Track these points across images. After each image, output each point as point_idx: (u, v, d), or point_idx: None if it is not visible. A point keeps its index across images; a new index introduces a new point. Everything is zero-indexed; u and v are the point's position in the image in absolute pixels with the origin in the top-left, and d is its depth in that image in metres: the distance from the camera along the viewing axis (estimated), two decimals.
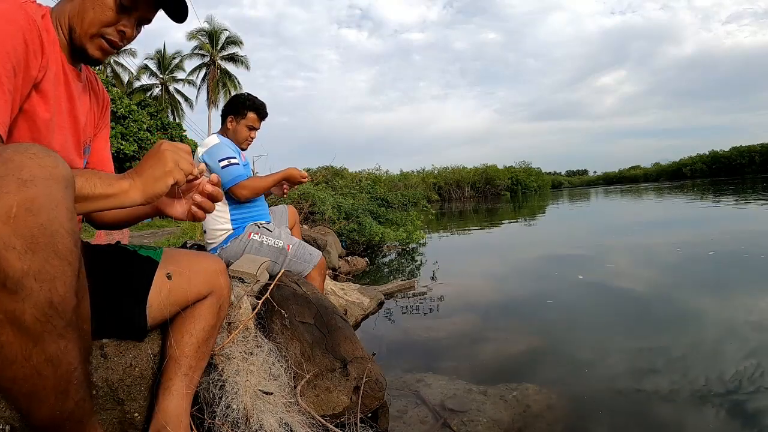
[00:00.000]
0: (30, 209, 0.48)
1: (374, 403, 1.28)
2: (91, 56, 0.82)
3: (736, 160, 51.24)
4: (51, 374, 0.53)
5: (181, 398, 0.90)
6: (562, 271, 3.66)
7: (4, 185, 0.47)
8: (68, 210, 0.52)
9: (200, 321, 0.95)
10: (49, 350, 0.52)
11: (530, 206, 15.98)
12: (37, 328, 0.50)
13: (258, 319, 1.35)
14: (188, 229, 8.04)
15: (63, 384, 0.55)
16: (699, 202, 10.53)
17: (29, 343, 0.50)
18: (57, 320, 0.52)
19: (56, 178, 0.51)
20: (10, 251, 0.47)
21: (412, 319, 2.53)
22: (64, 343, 0.53)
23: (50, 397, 0.54)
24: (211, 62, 31.28)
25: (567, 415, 1.37)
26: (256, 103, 1.98)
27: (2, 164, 0.48)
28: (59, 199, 0.51)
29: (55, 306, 0.51)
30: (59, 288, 0.51)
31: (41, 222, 0.49)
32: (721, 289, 2.69)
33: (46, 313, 0.50)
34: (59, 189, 0.51)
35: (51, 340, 0.52)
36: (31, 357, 0.51)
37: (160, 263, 0.91)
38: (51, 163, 0.51)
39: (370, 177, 10.47)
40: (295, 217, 2.39)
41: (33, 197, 0.48)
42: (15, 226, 0.47)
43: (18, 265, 0.47)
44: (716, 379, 1.50)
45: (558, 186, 74.08)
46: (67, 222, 0.52)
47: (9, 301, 0.48)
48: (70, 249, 0.52)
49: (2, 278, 0.47)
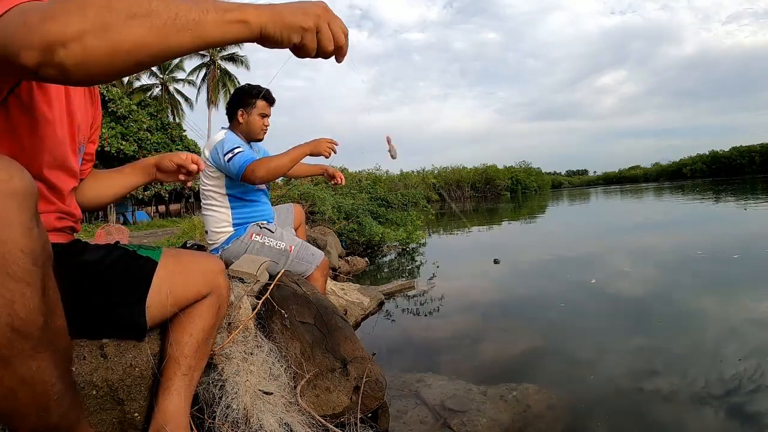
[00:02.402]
0: None
1: (374, 403, 1.28)
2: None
3: (736, 160, 51.23)
4: (28, 394, 0.52)
5: (181, 398, 0.90)
6: (561, 271, 3.66)
7: None
8: (23, 227, 0.48)
9: (200, 321, 0.95)
10: (21, 372, 0.50)
11: (530, 206, 15.98)
12: (3, 353, 0.48)
13: (258, 319, 1.35)
14: (188, 229, 8.04)
15: (42, 401, 0.54)
16: (703, 202, 10.52)
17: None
18: (22, 343, 0.49)
19: (8, 193, 0.47)
20: None
21: (412, 319, 2.53)
22: (36, 364, 0.52)
23: (30, 415, 0.53)
24: (211, 62, 31.29)
25: (567, 415, 1.37)
26: (261, 90, 1.92)
27: None
28: (12, 217, 0.47)
29: (18, 330, 0.48)
30: (19, 311, 0.48)
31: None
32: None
33: (9, 338, 0.48)
34: (12, 206, 0.47)
35: (21, 363, 0.50)
36: (3, 380, 0.49)
37: (159, 263, 0.91)
38: (4, 177, 0.47)
39: (370, 177, 10.47)
40: (301, 216, 2.37)
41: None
42: None
43: None
44: (717, 380, 1.50)
45: (558, 186, 74.09)
46: (22, 240, 0.48)
47: None
48: (26, 269, 0.49)
49: None
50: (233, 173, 1.76)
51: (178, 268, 0.94)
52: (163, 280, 0.90)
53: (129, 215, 22.91)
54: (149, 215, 25.78)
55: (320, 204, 5.53)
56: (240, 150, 1.76)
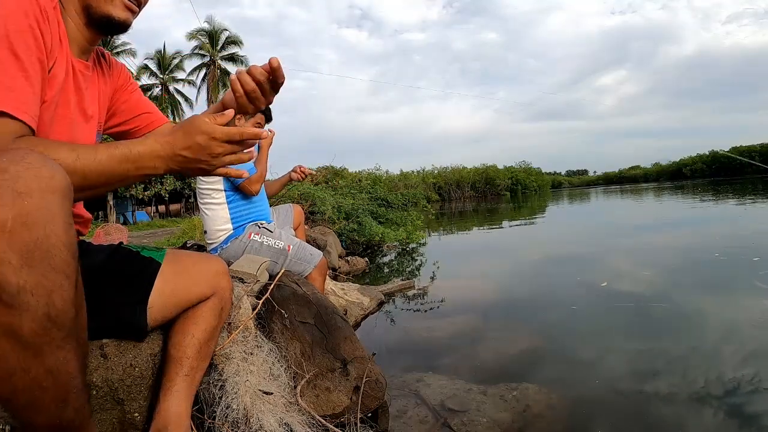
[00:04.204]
0: (26, 223, 0.47)
1: (374, 403, 1.28)
2: (117, 20, 0.79)
3: (736, 160, 51.19)
4: (51, 385, 0.53)
5: (182, 399, 0.90)
6: (561, 271, 3.67)
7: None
8: (65, 222, 0.51)
9: (202, 322, 0.95)
10: (49, 362, 0.52)
11: (530, 206, 15.98)
12: (36, 341, 0.49)
13: (258, 319, 1.35)
14: (188, 229, 8.04)
15: (63, 393, 0.55)
16: (706, 202, 10.52)
17: (28, 356, 0.50)
18: (55, 332, 0.51)
19: (53, 189, 0.50)
20: (6, 266, 0.46)
21: (412, 319, 2.53)
22: (63, 354, 0.53)
23: (50, 407, 0.54)
24: (211, 62, 31.28)
25: (567, 415, 1.37)
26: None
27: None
28: (55, 211, 0.50)
29: (53, 319, 0.50)
30: (57, 301, 0.50)
31: (37, 236, 0.48)
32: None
33: (45, 326, 0.50)
34: (56, 201, 0.50)
35: (50, 352, 0.51)
36: (31, 369, 0.50)
37: (162, 264, 0.91)
38: (47, 174, 0.50)
39: (370, 177, 10.47)
40: (300, 216, 2.40)
41: (29, 211, 0.47)
42: (10, 241, 0.46)
43: (14, 279, 0.46)
44: (717, 380, 1.50)
45: (558, 186, 74.05)
46: (64, 235, 0.51)
47: (6, 315, 0.47)
48: (67, 262, 0.51)
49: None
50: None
51: (181, 270, 0.94)
52: (166, 282, 0.90)
53: (129, 215, 22.91)
54: (149, 215, 25.77)
55: (320, 204, 5.53)
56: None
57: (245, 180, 1.82)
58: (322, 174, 8.42)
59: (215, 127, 0.67)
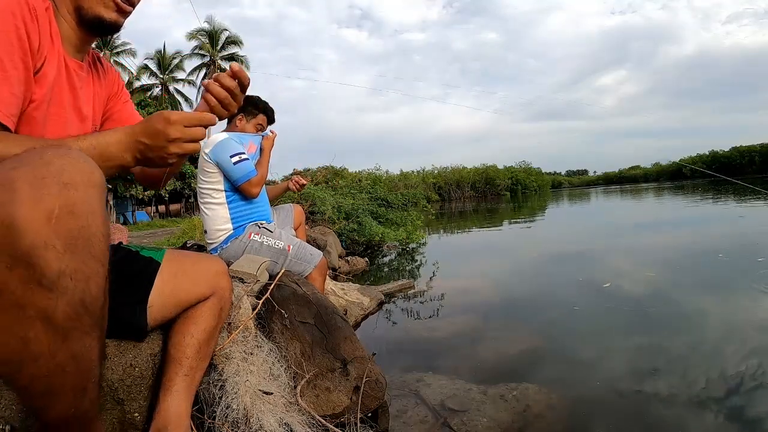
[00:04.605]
0: (71, 212, 0.50)
1: (374, 403, 1.28)
2: (108, 21, 0.80)
3: (736, 160, 51.19)
4: (73, 371, 0.54)
5: (182, 399, 0.90)
6: (562, 271, 3.67)
7: (45, 187, 0.49)
8: (103, 215, 0.54)
9: (201, 322, 0.95)
10: (75, 347, 0.53)
11: (530, 206, 15.99)
12: (67, 325, 0.51)
13: (258, 319, 1.35)
14: (188, 229, 8.04)
15: (83, 381, 0.56)
16: (708, 202, 10.52)
17: (57, 340, 0.51)
18: (86, 318, 0.53)
19: (94, 183, 0.53)
20: (50, 250, 0.48)
21: (412, 319, 2.53)
22: (89, 341, 0.55)
23: (68, 395, 0.55)
24: (211, 62, 31.28)
25: (567, 415, 1.37)
26: (268, 107, 2.06)
27: (44, 166, 0.50)
28: (96, 203, 0.53)
29: (87, 305, 0.53)
30: (92, 288, 0.53)
31: (81, 225, 0.51)
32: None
33: (78, 311, 0.52)
34: (96, 194, 0.53)
35: (78, 338, 0.53)
36: (57, 354, 0.52)
37: (162, 264, 0.91)
38: (89, 169, 0.54)
39: (370, 177, 10.47)
40: (301, 216, 2.41)
41: (74, 201, 0.50)
42: (56, 227, 0.49)
43: (56, 264, 0.49)
44: (718, 381, 1.50)
45: (558, 186, 74.05)
46: (102, 226, 0.54)
47: (43, 298, 0.49)
48: (103, 252, 0.54)
49: (39, 276, 0.48)
50: (235, 177, 1.82)
51: (181, 270, 0.94)
52: (166, 282, 0.90)
53: (129, 215, 22.92)
54: (149, 215, 25.78)
55: (320, 204, 5.53)
56: (246, 157, 1.84)
57: (245, 182, 1.82)
58: (322, 174, 8.42)
59: (172, 112, 0.69)
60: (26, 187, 0.48)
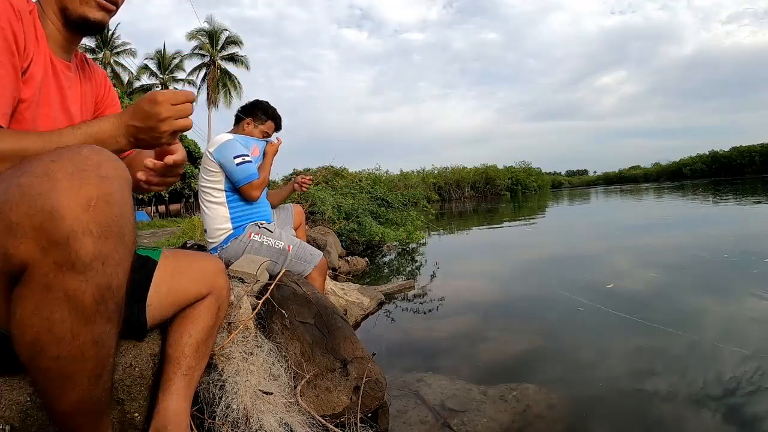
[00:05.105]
0: (108, 202, 0.53)
1: (374, 403, 1.28)
2: (93, 20, 0.81)
3: (736, 160, 51.22)
4: (93, 356, 0.56)
5: (181, 398, 0.90)
6: (562, 271, 3.66)
7: (86, 177, 0.52)
8: (132, 207, 0.59)
9: (199, 321, 0.95)
10: (97, 331, 0.55)
11: (530, 206, 15.99)
12: (93, 309, 0.54)
13: (258, 319, 1.35)
14: (188, 229, 8.04)
15: (99, 368, 0.58)
16: (708, 202, 10.51)
17: (81, 323, 0.53)
18: (111, 303, 0.56)
19: (125, 179, 0.57)
20: (87, 236, 0.51)
21: (412, 319, 2.53)
22: (110, 327, 0.57)
23: (84, 381, 0.57)
24: (211, 62, 31.30)
25: (567, 415, 1.37)
26: (276, 115, 2.09)
27: (82, 160, 0.53)
28: (127, 197, 0.57)
29: (113, 290, 0.55)
30: (120, 274, 0.56)
31: (115, 214, 0.54)
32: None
33: (104, 295, 0.54)
34: (127, 189, 0.57)
35: (101, 322, 0.55)
36: (79, 336, 0.54)
37: (159, 263, 0.91)
38: (121, 166, 0.58)
39: (370, 177, 10.46)
40: (301, 216, 2.41)
41: (111, 191, 0.54)
42: (94, 214, 0.52)
43: (91, 248, 0.52)
44: (719, 382, 1.50)
45: (558, 186, 74.09)
46: (132, 217, 0.58)
47: (73, 281, 0.51)
48: (133, 241, 0.58)
49: (73, 259, 0.51)
50: (237, 178, 1.83)
51: (178, 268, 0.94)
52: (163, 280, 0.90)
53: None
54: (149, 215, 25.78)
55: (320, 204, 5.53)
56: (249, 160, 1.85)
57: (247, 183, 1.82)
58: (322, 174, 8.42)
59: (157, 92, 0.69)
60: (67, 177, 0.51)
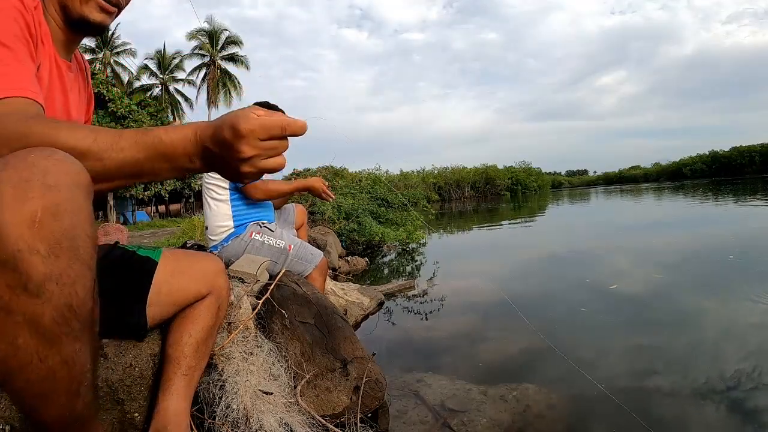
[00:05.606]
0: (54, 214, 0.48)
1: (374, 403, 1.28)
2: (93, 22, 0.79)
3: (736, 160, 51.23)
4: (65, 375, 0.53)
5: (181, 398, 0.90)
6: (563, 271, 3.66)
7: (29, 190, 0.47)
8: (89, 216, 0.53)
9: (199, 321, 0.95)
10: (65, 352, 0.52)
11: (530, 206, 15.98)
12: (55, 330, 0.50)
13: (258, 319, 1.35)
14: (188, 229, 8.04)
15: (75, 385, 0.55)
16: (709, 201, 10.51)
17: (46, 345, 0.50)
18: (74, 323, 0.52)
19: (79, 184, 0.52)
20: (34, 255, 0.47)
21: (412, 319, 2.53)
22: (79, 345, 0.54)
23: (61, 398, 0.54)
24: (211, 62, 31.31)
25: (567, 415, 1.37)
26: (281, 112, 2.05)
27: (27, 168, 0.48)
28: (81, 205, 0.51)
29: (74, 309, 0.51)
30: (79, 291, 0.51)
31: (65, 227, 0.49)
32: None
33: (65, 315, 0.50)
34: (82, 195, 0.52)
35: (67, 342, 0.52)
36: (47, 359, 0.51)
37: (159, 263, 0.91)
38: (75, 170, 0.52)
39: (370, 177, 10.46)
40: (303, 216, 2.40)
41: (57, 203, 0.49)
42: (39, 231, 0.47)
43: (41, 268, 0.47)
44: (720, 383, 1.49)
45: (558, 186, 74.08)
46: (89, 227, 0.52)
47: (29, 304, 0.48)
48: (90, 254, 0.53)
49: (24, 281, 0.47)
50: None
51: (178, 269, 0.94)
52: (163, 281, 0.90)
53: (129, 215, 22.92)
54: (149, 215, 25.79)
55: (320, 204, 5.53)
56: None
57: (250, 183, 1.81)
58: (322, 174, 8.42)
59: (245, 116, 0.55)
60: (10, 190, 0.46)
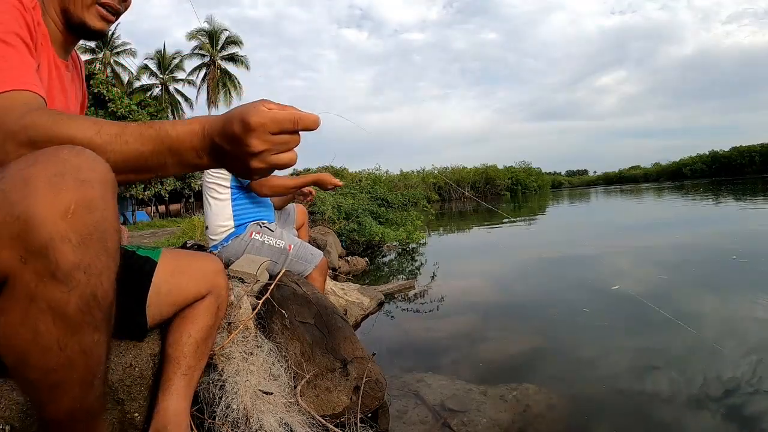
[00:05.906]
0: (88, 207, 0.51)
1: (374, 403, 1.28)
2: (92, 28, 0.81)
3: (736, 160, 51.24)
4: (82, 365, 0.55)
5: (181, 398, 0.90)
6: (563, 271, 3.66)
7: (63, 183, 0.50)
8: (115, 212, 0.55)
9: (199, 321, 0.95)
10: (85, 342, 0.54)
11: (530, 206, 15.98)
12: (78, 319, 0.52)
13: (258, 319, 1.35)
14: (188, 229, 8.04)
15: (90, 376, 0.57)
16: (710, 201, 10.50)
17: (67, 333, 0.52)
18: (97, 312, 0.54)
19: (107, 182, 0.54)
20: (66, 244, 0.49)
21: (412, 319, 2.53)
22: (98, 336, 0.56)
23: (75, 389, 0.56)
24: (211, 62, 31.31)
25: (567, 415, 1.37)
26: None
27: (60, 163, 0.51)
28: (109, 201, 0.54)
29: (98, 299, 0.53)
30: (104, 282, 0.54)
31: (96, 220, 0.52)
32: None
33: (90, 304, 0.52)
34: (109, 192, 0.54)
35: (88, 332, 0.54)
36: (67, 347, 0.52)
37: (158, 263, 0.91)
38: (103, 169, 0.54)
39: (370, 177, 10.47)
40: (304, 216, 2.40)
41: (90, 197, 0.51)
42: (73, 222, 0.50)
43: (71, 257, 0.50)
44: (720, 383, 1.49)
45: (558, 186, 74.09)
46: (115, 222, 0.55)
47: (55, 291, 0.50)
48: (116, 248, 0.55)
49: (53, 268, 0.49)
50: None
51: (178, 269, 0.94)
52: (163, 281, 0.90)
53: (129, 215, 22.92)
54: (149, 215, 25.79)
55: (320, 204, 5.54)
56: None
57: (257, 180, 1.80)
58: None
59: (256, 109, 0.53)
60: (44, 183, 0.49)
